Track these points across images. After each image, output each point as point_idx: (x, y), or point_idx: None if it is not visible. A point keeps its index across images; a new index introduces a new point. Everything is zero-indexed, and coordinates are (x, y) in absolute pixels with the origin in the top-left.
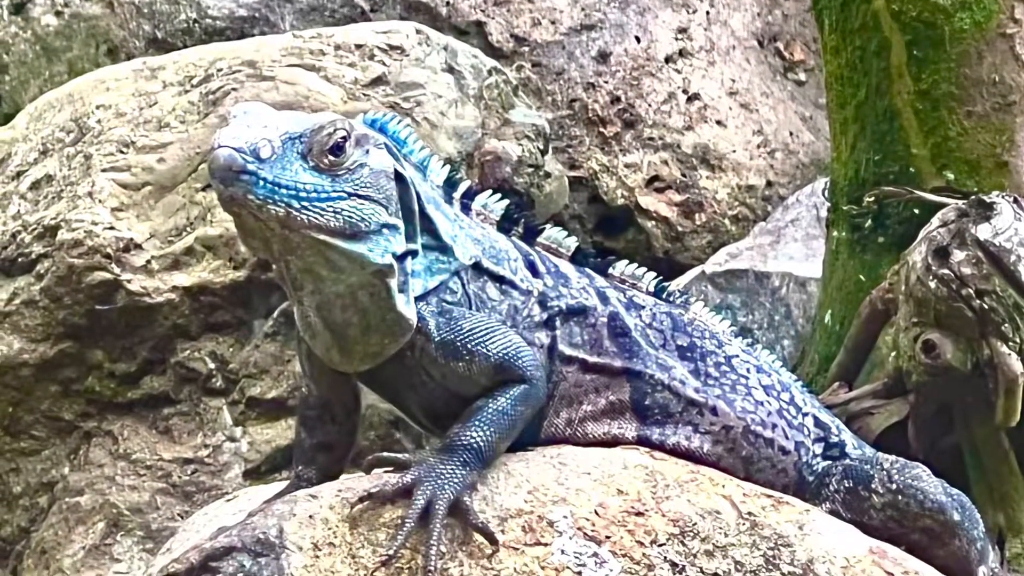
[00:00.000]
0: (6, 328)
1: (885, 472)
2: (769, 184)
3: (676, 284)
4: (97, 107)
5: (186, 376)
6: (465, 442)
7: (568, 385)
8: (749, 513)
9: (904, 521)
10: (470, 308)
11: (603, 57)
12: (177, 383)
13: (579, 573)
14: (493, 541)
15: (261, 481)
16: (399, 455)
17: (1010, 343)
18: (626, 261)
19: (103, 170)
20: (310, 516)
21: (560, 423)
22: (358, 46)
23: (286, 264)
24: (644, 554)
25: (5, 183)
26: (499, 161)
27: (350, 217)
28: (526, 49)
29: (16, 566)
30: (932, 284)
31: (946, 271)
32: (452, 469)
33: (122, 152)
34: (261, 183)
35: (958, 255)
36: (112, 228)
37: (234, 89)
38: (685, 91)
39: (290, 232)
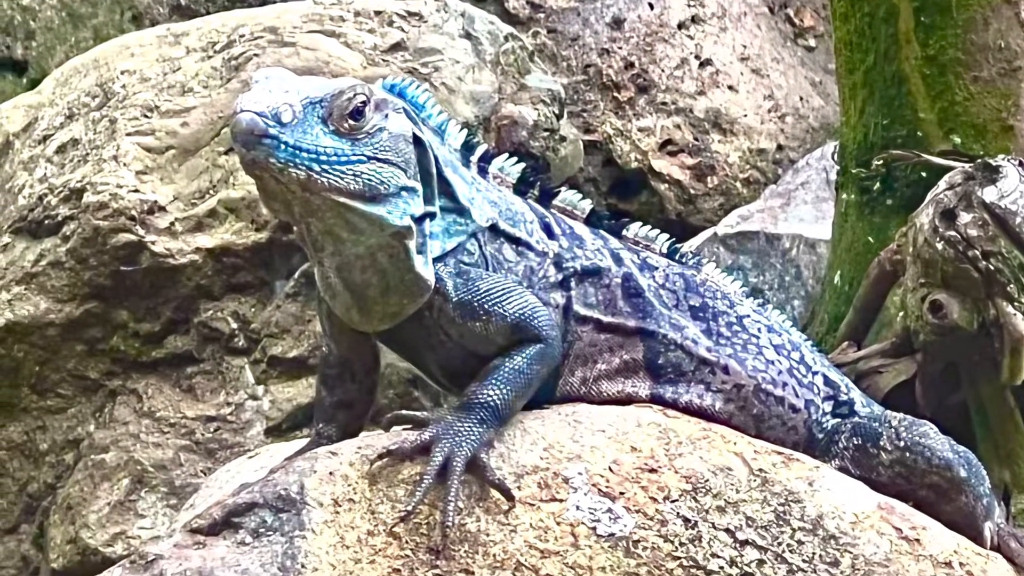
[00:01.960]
0: (33, 289)
1: (893, 430)
2: (780, 148)
3: (688, 245)
4: (122, 72)
5: (209, 336)
6: (482, 400)
7: (583, 344)
8: (760, 470)
9: (912, 477)
10: (487, 269)
11: (617, 23)
12: (200, 342)
13: (594, 528)
14: (509, 497)
15: (282, 438)
16: (417, 413)
17: (1015, 303)
18: (640, 223)
19: (128, 134)
20: (330, 473)
21: (575, 382)
22: (377, 12)
23: (307, 226)
24: (657, 510)
25: (32, 147)
26: (515, 125)
27: (369, 180)
28: (542, 15)
29: (43, 521)
30: (939, 245)
31: (953, 233)
32: (469, 427)
33: (146, 116)
34: (282, 147)
35: (964, 217)
36: (136, 191)
37: (256, 55)
38: (697, 57)
39: (311, 195)
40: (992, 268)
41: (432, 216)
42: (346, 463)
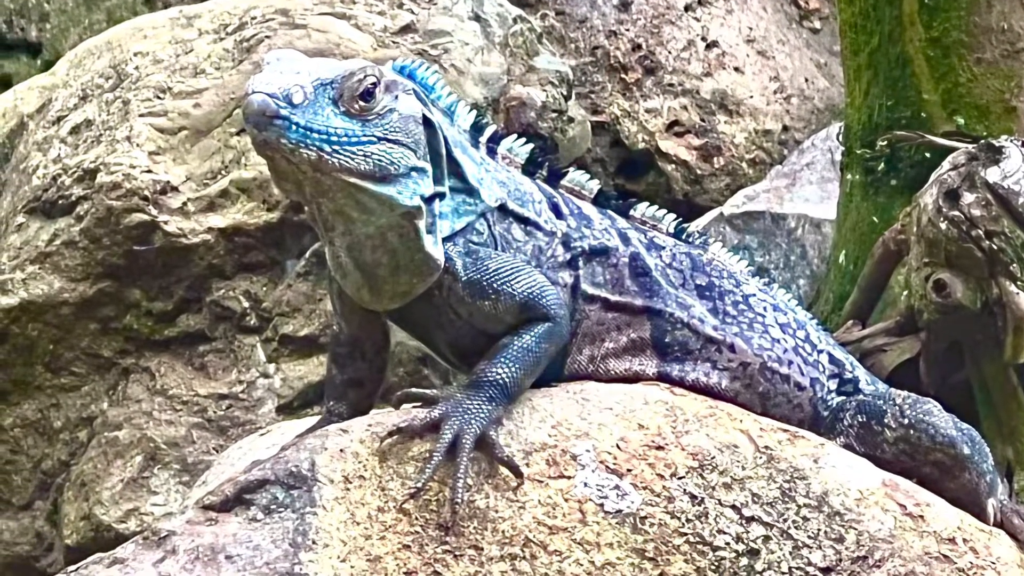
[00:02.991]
0: (47, 268)
1: (897, 407)
2: (785, 129)
3: (695, 225)
4: (135, 54)
5: (221, 314)
6: (491, 378)
7: (591, 323)
8: (766, 447)
9: (916, 455)
10: (496, 249)
11: (624, 6)
12: (212, 321)
13: (601, 505)
14: (518, 474)
15: (293, 416)
16: (427, 391)
17: (1018, 282)
18: (647, 203)
19: (141, 115)
20: (341, 450)
21: (583, 360)
22: None
23: (318, 206)
24: (664, 487)
25: (46, 128)
26: (524, 106)
27: (380, 160)
28: None
29: (56, 498)
30: (943, 225)
31: (956, 213)
32: (479, 404)
33: (159, 98)
34: (294, 128)
35: (968, 197)
36: (149, 171)
37: (267, 37)
38: (704, 39)
39: (322, 175)
40: (995, 248)
41: (442, 196)
42: (356, 440)
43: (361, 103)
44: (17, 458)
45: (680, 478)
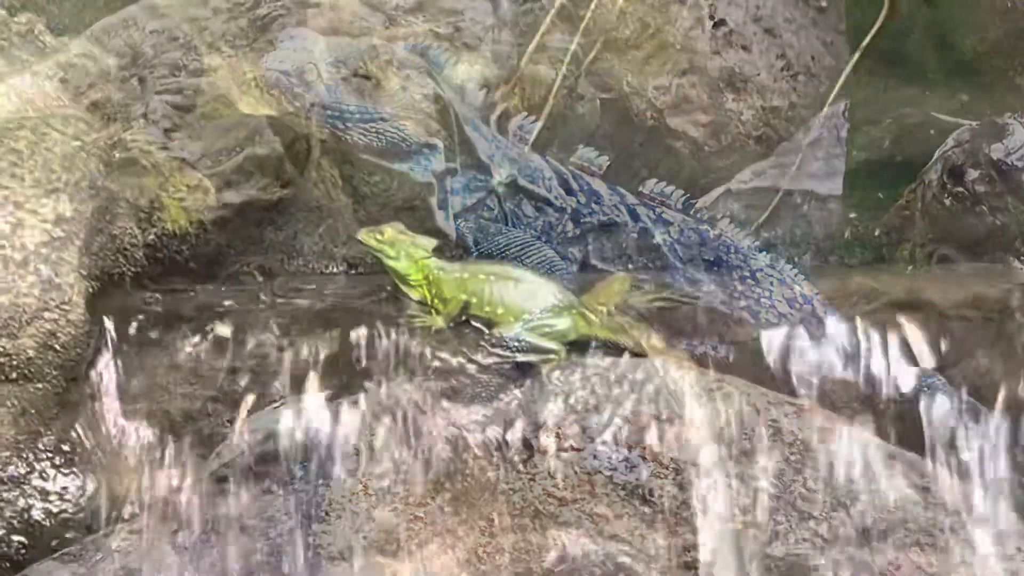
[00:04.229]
0: (62, 244)
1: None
2: (792, 106)
3: (703, 202)
4: (151, 32)
5: (236, 289)
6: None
7: None
8: (773, 420)
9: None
10: (506, 224)
11: None
12: (228, 296)
13: (610, 477)
14: (528, 446)
15: (308, 390)
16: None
17: (1022, 258)
18: (655, 180)
19: (156, 92)
20: (354, 423)
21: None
22: None
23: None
24: (672, 459)
25: (63, 105)
26: (534, 84)
27: (392, 137)
28: None
29: (72, 471)
30: (947, 201)
31: (961, 189)
32: (489, 377)
33: (174, 75)
34: (307, 105)
35: (972, 174)
36: (165, 148)
37: (282, 15)
38: (712, 17)
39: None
40: (999, 224)
41: (453, 172)
42: (369, 413)
43: (374, 81)
44: (34, 432)
45: (689, 450)
